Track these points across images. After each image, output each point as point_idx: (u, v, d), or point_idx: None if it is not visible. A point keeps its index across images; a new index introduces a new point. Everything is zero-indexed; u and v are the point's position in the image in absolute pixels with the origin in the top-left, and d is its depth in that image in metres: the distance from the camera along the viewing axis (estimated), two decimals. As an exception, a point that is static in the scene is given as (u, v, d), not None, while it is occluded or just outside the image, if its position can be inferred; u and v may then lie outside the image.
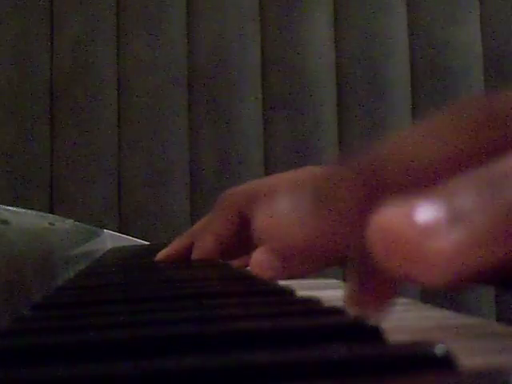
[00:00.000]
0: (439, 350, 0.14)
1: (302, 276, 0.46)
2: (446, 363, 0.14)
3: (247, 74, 1.60)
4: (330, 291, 0.40)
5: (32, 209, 0.62)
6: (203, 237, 0.57)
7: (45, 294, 0.32)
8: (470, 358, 0.17)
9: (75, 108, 1.57)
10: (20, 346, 0.18)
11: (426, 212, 0.17)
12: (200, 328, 0.19)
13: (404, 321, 0.22)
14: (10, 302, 0.26)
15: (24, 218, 0.40)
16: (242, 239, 0.57)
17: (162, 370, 0.14)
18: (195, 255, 0.57)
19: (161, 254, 0.59)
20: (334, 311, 0.21)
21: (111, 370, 0.15)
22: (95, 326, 0.21)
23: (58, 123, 1.57)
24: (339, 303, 0.22)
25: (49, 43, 1.58)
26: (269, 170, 1.57)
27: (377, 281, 0.21)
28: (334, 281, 0.46)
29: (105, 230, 0.96)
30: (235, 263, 0.57)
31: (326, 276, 0.49)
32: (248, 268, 0.52)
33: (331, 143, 1.59)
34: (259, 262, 0.46)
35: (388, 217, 0.17)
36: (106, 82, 1.58)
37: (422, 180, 0.21)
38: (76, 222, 0.67)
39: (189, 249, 0.59)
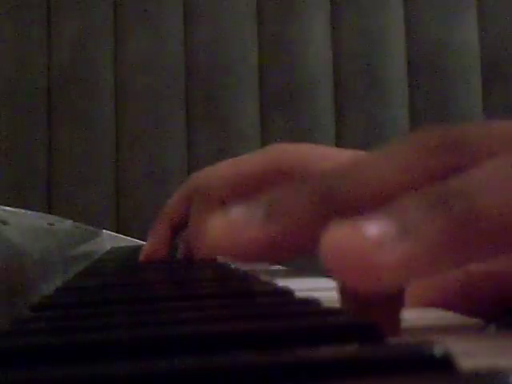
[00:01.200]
0: (438, 350, 0.14)
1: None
2: (444, 364, 0.14)
3: (244, 73, 1.60)
4: (329, 292, 0.40)
5: (30, 209, 0.62)
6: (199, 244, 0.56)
7: (44, 294, 0.32)
8: (469, 358, 0.17)
9: (73, 108, 1.57)
10: (20, 346, 0.18)
11: (374, 226, 0.18)
12: (199, 328, 0.19)
13: (403, 321, 0.22)
14: (10, 303, 0.26)
15: (23, 219, 0.40)
16: None
17: (162, 370, 0.14)
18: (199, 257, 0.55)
19: (142, 256, 0.57)
20: (333, 312, 0.21)
21: (111, 370, 0.15)
22: (95, 326, 0.21)
23: (55, 123, 1.57)
24: (338, 304, 0.22)
25: (46, 42, 1.58)
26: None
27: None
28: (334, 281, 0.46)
29: (104, 231, 0.97)
30: None
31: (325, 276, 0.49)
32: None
33: (329, 142, 1.59)
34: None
35: (337, 232, 0.18)
36: (104, 81, 1.58)
37: (375, 199, 0.21)
38: (75, 223, 0.67)
39: (171, 239, 0.57)
